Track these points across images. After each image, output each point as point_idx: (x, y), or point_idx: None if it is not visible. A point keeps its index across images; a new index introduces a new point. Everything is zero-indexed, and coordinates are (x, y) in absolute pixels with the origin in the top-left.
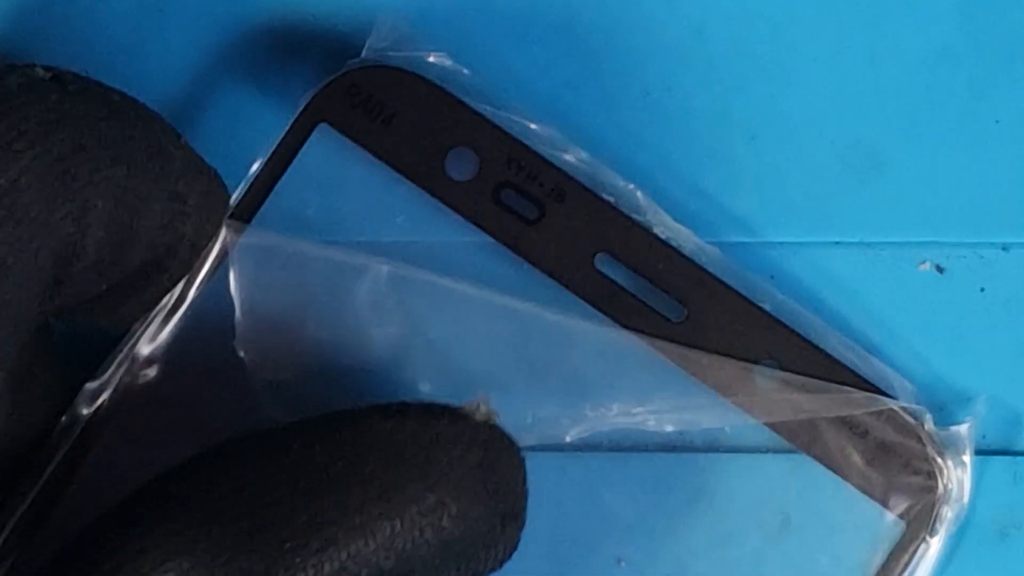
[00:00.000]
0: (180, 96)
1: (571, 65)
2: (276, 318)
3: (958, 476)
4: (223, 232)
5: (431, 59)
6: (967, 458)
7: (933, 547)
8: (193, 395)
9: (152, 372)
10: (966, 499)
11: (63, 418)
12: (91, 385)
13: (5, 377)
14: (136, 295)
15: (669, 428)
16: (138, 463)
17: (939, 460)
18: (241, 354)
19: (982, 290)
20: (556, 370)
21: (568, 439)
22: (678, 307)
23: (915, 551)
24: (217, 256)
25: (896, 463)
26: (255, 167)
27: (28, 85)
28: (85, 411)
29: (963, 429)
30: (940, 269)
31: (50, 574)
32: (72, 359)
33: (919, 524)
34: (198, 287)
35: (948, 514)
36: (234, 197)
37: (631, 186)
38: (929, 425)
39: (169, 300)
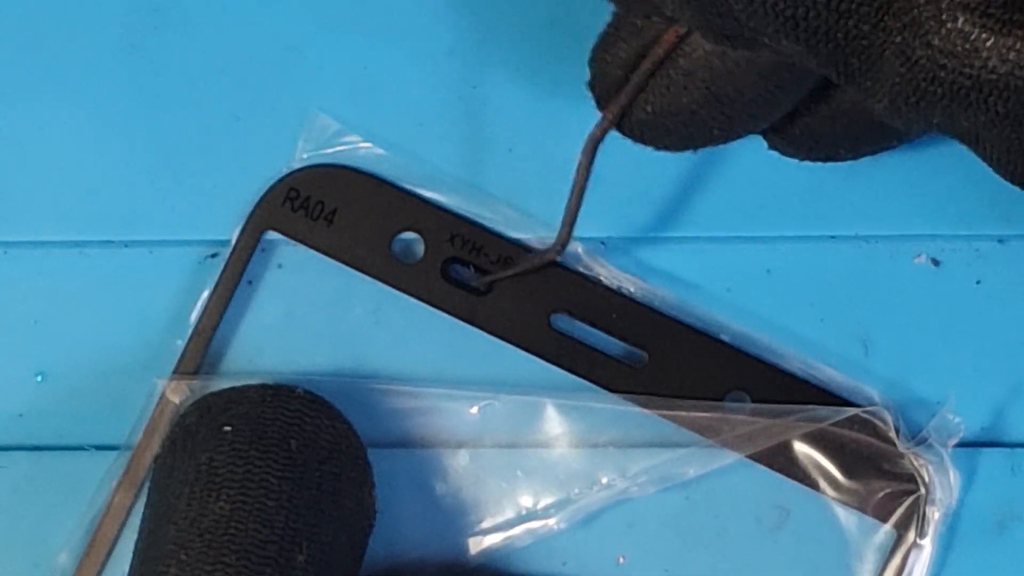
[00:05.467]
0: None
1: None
2: None
3: (940, 474)
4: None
5: (362, 150)
6: (946, 454)
7: (926, 548)
8: None
9: None
10: (954, 495)
11: None
12: None
13: None
14: None
15: (651, 490)
16: None
17: (916, 462)
18: None
19: (978, 283)
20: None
21: (556, 526)
22: (639, 353)
23: (907, 555)
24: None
25: (875, 472)
26: (206, 292)
27: None
28: None
29: (939, 427)
30: (936, 262)
31: None
32: None
33: (907, 528)
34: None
35: (935, 514)
36: (196, 312)
37: (573, 243)
38: (901, 428)
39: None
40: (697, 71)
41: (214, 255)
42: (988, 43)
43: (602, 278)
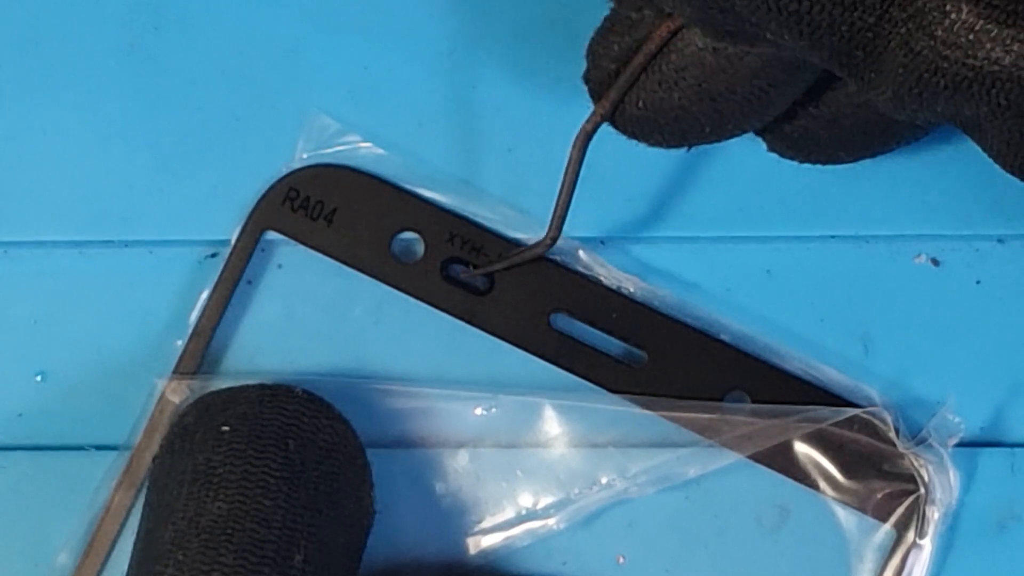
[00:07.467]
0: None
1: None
2: None
3: (940, 474)
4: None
5: (362, 150)
6: (946, 454)
7: (925, 548)
8: None
9: None
10: (954, 495)
11: None
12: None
13: None
14: None
15: (651, 491)
16: None
17: (916, 462)
18: None
19: (978, 282)
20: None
21: (556, 526)
22: (639, 353)
23: (907, 555)
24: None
25: (875, 472)
26: (206, 292)
27: None
28: None
29: (939, 427)
30: (936, 262)
31: None
32: None
33: (907, 528)
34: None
35: (935, 514)
36: (195, 312)
37: (573, 243)
38: (901, 428)
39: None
40: (689, 67)
41: (214, 255)
42: (992, 34)
43: (602, 278)
